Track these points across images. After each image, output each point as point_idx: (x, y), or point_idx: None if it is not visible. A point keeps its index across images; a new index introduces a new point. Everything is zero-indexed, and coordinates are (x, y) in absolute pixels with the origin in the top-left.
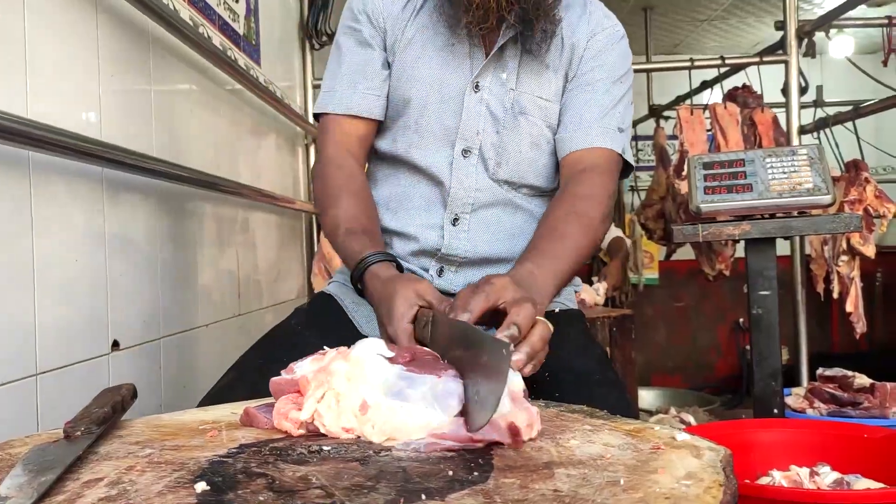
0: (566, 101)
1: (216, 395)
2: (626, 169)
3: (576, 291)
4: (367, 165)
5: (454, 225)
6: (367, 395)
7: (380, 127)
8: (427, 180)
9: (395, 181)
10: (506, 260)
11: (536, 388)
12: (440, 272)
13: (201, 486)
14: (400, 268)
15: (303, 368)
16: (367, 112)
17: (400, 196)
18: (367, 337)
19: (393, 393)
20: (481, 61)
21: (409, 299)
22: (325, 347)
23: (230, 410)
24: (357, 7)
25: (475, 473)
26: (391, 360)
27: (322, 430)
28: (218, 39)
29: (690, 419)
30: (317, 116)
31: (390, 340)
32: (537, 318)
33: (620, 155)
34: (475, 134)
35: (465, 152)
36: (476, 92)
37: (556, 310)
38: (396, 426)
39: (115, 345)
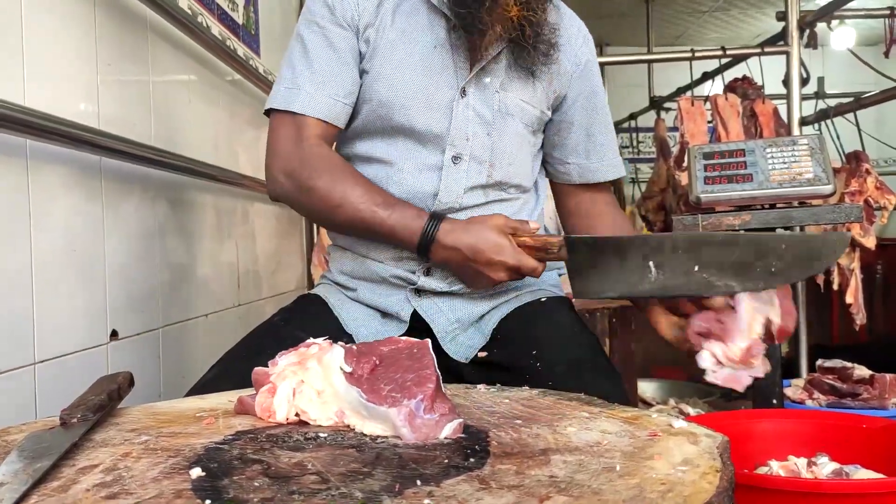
0: (578, 121)
1: (201, 389)
2: None
3: (560, 275)
4: None
5: None
6: (341, 406)
7: (357, 131)
8: (410, 185)
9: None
10: None
11: (529, 378)
12: (427, 271)
13: (197, 472)
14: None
15: (287, 360)
16: (334, 119)
17: None
18: (350, 335)
19: (359, 412)
20: (466, 64)
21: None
22: (311, 339)
23: (227, 399)
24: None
25: (471, 460)
26: (350, 376)
27: (310, 423)
28: (217, 29)
29: (690, 410)
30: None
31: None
32: None
33: None
34: (465, 140)
35: (456, 159)
36: (463, 97)
37: (544, 298)
38: (371, 430)
39: (114, 334)
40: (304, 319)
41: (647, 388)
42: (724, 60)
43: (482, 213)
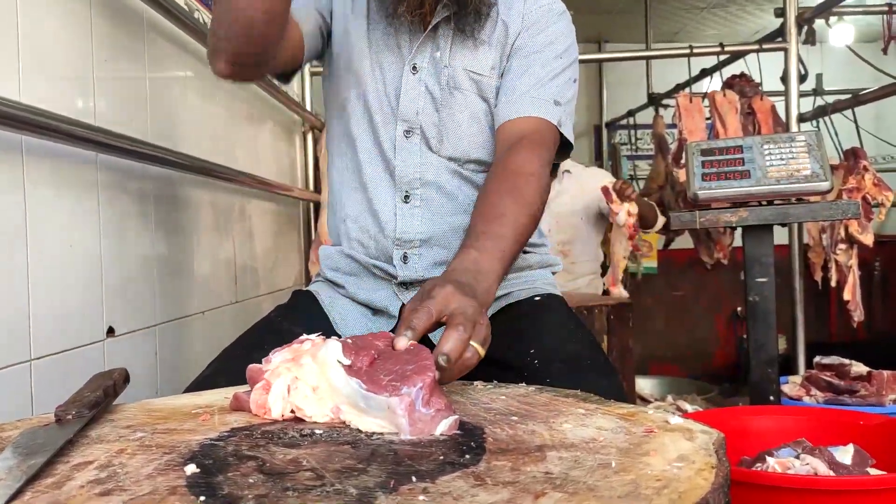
0: (503, 76)
1: (199, 386)
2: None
3: (553, 273)
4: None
5: (406, 202)
6: (337, 401)
7: (332, 115)
8: (374, 162)
9: (346, 166)
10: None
11: (527, 376)
12: (404, 258)
13: (191, 469)
14: None
15: (280, 356)
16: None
17: (351, 180)
18: (339, 334)
19: (357, 406)
20: (418, 40)
21: None
22: (304, 335)
23: (223, 395)
24: None
25: (467, 456)
26: (349, 369)
27: (305, 419)
28: None
29: (687, 407)
30: None
31: None
32: (471, 343)
33: (557, 128)
34: (415, 114)
35: (407, 133)
36: (414, 73)
37: (538, 297)
38: (367, 427)
39: (111, 331)
40: (302, 316)
41: (644, 384)
42: (722, 57)
43: (445, 187)
